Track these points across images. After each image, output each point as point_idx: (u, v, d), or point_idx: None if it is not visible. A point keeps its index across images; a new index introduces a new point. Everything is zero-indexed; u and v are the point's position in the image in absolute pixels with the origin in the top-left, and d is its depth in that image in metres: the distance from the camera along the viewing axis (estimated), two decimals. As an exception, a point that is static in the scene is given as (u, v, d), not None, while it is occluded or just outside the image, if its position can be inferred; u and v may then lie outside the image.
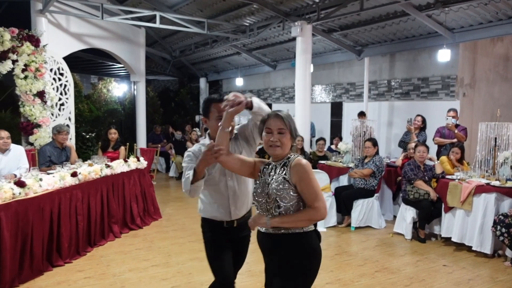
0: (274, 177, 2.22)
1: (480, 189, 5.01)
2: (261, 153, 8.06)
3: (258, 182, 2.31)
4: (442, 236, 5.44)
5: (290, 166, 2.20)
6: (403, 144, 7.17)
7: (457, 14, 7.02)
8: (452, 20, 7.24)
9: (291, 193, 2.17)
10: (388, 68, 9.50)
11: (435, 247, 5.33)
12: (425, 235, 5.53)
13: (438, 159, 6.27)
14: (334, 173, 6.83)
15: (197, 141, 10.26)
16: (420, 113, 7.21)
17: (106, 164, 5.53)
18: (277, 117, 2.22)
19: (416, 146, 5.89)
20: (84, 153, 9.65)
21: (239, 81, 13.33)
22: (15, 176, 4.74)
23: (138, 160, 6.26)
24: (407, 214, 5.62)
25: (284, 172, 2.20)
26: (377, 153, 6.22)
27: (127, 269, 4.45)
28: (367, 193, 6.08)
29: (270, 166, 2.31)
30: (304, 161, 2.20)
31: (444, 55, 7.31)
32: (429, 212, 5.49)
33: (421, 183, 5.57)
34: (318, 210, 2.15)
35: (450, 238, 5.33)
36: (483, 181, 5.16)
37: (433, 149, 6.86)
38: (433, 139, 6.90)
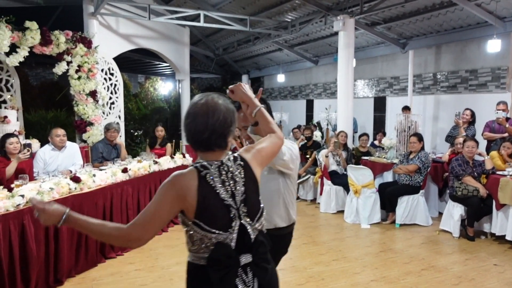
0: None
1: (533, 186, 4.80)
2: (303, 149, 8.09)
3: None
4: (496, 234, 5.23)
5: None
6: (450, 139, 6.95)
7: (509, 1, 6.70)
8: (503, 8, 6.93)
9: None
10: (433, 61, 9.21)
11: (485, 246, 5.16)
12: (474, 233, 5.36)
13: (488, 154, 6.04)
14: (377, 169, 6.74)
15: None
16: (468, 107, 6.97)
17: (154, 161, 5.75)
18: None
19: (464, 141, 5.71)
20: (133, 150, 10.04)
21: (281, 78, 13.35)
22: (71, 172, 5.04)
23: (184, 156, 6.46)
24: (454, 211, 5.47)
25: None
26: (422, 148, 6.08)
27: (175, 262, 4.62)
28: (413, 190, 5.97)
29: None
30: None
31: (494, 45, 7.01)
32: (478, 209, 5.31)
33: (470, 179, 5.41)
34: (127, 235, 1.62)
35: (501, 236, 5.14)
36: (537, 177, 4.94)
37: (482, 144, 6.60)
38: (482, 134, 6.65)
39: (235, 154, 1.74)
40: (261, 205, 1.74)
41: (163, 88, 13.62)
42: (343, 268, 4.44)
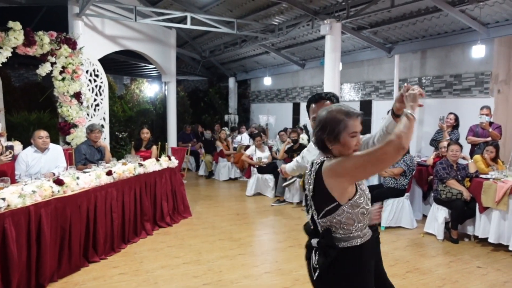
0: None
1: (516, 189, 4.88)
2: (289, 152, 8.11)
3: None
4: (479, 237, 5.31)
5: None
6: (434, 142, 7.04)
7: (492, 8, 6.82)
8: (487, 15, 7.04)
9: None
10: (419, 66, 9.32)
11: (469, 248, 5.22)
12: (458, 236, 5.43)
13: (471, 158, 6.13)
14: (363, 172, 6.76)
15: (226, 140, 10.39)
16: (452, 111, 7.06)
17: (139, 163, 5.70)
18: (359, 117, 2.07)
19: (448, 144, 5.78)
20: (118, 152, 9.93)
21: (268, 80, 13.37)
22: (54, 174, 4.96)
23: (170, 159, 6.41)
24: (439, 214, 5.53)
25: None
26: (407, 152, 6.14)
27: (160, 266, 4.58)
28: (398, 193, 6.01)
29: None
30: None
31: (478, 51, 7.12)
32: (462, 212, 5.38)
33: (454, 183, 5.47)
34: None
35: (484, 239, 5.22)
36: (519, 181, 5.02)
37: (466, 148, 6.70)
38: (466, 138, 6.75)
39: (318, 160, 2.03)
40: (327, 209, 1.97)
41: (149, 90, 13.52)
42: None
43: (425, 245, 5.37)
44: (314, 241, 2.02)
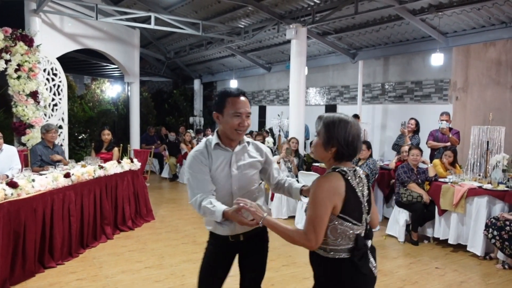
0: None
1: (472, 192, 5.05)
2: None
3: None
4: (439, 238, 5.45)
5: None
6: (396, 147, 7.21)
7: (451, 18, 7.08)
8: (446, 24, 7.30)
9: None
10: (382, 72, 9.55)
11: (428, 250, 5.36)
12: (418, 238, 5.55)
13: (431, 162, 6.31)
14: (328, 175, 6.83)
15: (190, 142, 10.25)
16: (413, 116, 7.26)
17: (99, 165, 5.50)
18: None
19: (409, 149, 5.91)
20: (77, 154, 9.60)
21: (234, 83, 13.33)
22: (7, 176, 4.71)
23: (132, 161, 6.24)
24: (400, 217, 5.64)
25: None
26: (370, 156, 6.24)
27: (120, 271, 4.42)
28: (361, 196, 6.09)
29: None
30: None
31: (437, 59, 7.36)
32: (422, 214, 5.51)
33: (414, 186, 5.60)
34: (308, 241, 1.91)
35: (443, 240, 5.37)
36: (475, 184, 5.20)
37: (426, 152, 6.90)
38: (426, 143, 6.94)
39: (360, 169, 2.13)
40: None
41: (111, 90, 13.16)
42: (293, 273, 4.44)
43: (387, 247, 5.47)
44: (370, 242, 2.06)
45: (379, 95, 9.60)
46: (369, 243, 2.04)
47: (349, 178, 1.94)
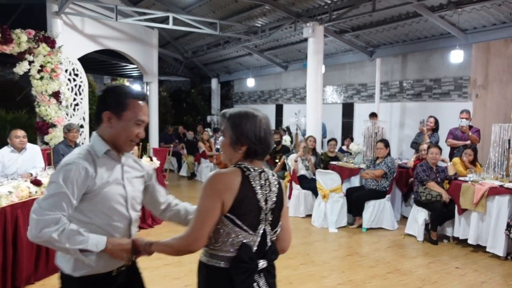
0: None
1: (493, 191, 4.97)
2: (272, 153, 8.10)
3: None
4: (459, 238, 5.39)
5: None
6: (415, 145, 7.14)
7: (470, 15, 6.97)
8: (465, 21, 7.19)
9: None
10: (400, 69, 9.46)
11: (448, 249, 5.30)
12: (437, 237, 5.50)
13: (450, 161, 6.24)
14: (345, 174, 6.82)
15: (208, 141, 10.34)
16: (432, 114, 7.18)
17: (120, 164, 5.60)
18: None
19: (428, 147, 5.86)
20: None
21: (251, 82, 13.37)
22: (31, 175, 4.84)
23: (151, 160, 6.33)
24: (419, 216, 5.60)
25: None
26: (388, 154, 6.21)
27: (141, 267, 4.49)
28: (379, 194, 6.07)
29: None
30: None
31: (456, 56, 7.27)
32: (441, 214, 5.46)
33: (433, 185, 5.55)
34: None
35: (463, 240, 5.31)
36: (496, 183, 5.12)
37: (446, 150, 6.82)
38: (445, 141, 6.86)
39: (275, 174, 1.88)
40: (280, 224, 1.84)
41: (130, 90, 13.35)
42: (311, 272, 4.45)
43: (406, 246, 5.43)
44: (264, 263, 1.74)
45: (397, 93, 9.51)
46: (262, 263, 1.73)
47: (249, 175, 1.71)
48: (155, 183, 2.16)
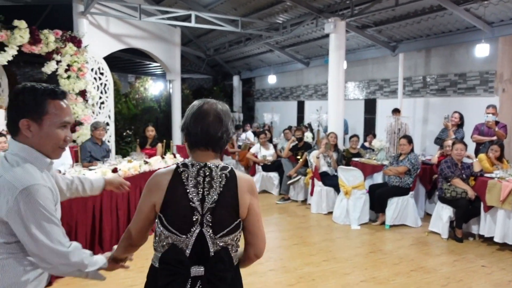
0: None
1: (520, 188, 4.87)
2: (294, 150, 8.11)
3: None
4: (484, 236, 5.30)
5: None
6: (439, 141, 7.03)
7: (497, 7, 6.81)
8: (491, 13, 7.03)
9: None
10: (423, 64, 9.31)
11: (473, 247, 5.22)
12: (463, 235, 5.42)
13: (476, 157, 6.12)
14: (368, 170, 6.78)
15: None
16: (457, 110, 7.05)
17: (144, 161, 5.72)
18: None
19: (453, 143, 5.77)
20: (123, 150, 9.97)
21: (272, 79, 13.38)
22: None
23: (175, 156, 6.43)
24: (443, 213, 5.52)
25: None
26: (412, 150, 6.14)
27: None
28: (402, 191, 6.02)
29: None
30: None
31: (482, 49, 7.12)
32: (466, 211, 5.37)
33: (458, 181, 5.46)
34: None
35: (489, 238, 5.22)
36: (524, 179, 5.01)
37: (471, 146, 6.69)
38: (471, 137, 6.74)
39: (228, 166, 1.68)
40: (233, 226, 1.64)
41: (153, 88, 13.56)
42: (333, 269, 4.46)
43: (430, 243, 5.37)
44: (199, 270, 1.59)
45: (421, 88, 9.37)
46: (196, 270, 1.58)
47: (182, 172, 1.61)
48: (55, 174, 1.89)
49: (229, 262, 1.63)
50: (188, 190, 1.59)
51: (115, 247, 1.87)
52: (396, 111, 8.67)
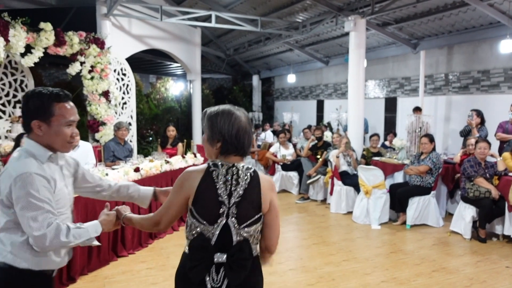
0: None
1: (546, 188, 4.76)
2: (313, 149, 8.10)
3: None
4: (510, 236, 5.20)
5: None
6: (464, 133, 6.90)
7: (523, 2, 6.65)
8: (517, 9, 6.87)
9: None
10: (445, 61, 9.15)
11: (497, 248, 5.12)
12: (486, 235, 5.33)
13: (500, 156, 5.99)
14: (388, 169, 6.72)
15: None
16: (480, 108, 6.91)
17: (165, 160, 5.81)
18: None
19: (476, 142, 5.67)
20: (144, 149, 10.13)
21: (291, 78, 13.36)
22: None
23: (195, 156, 6.51)
24: (466, 213, 5.44)
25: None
26: (433, 149, 6.06)
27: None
28: (424, 191, 5.94)
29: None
30: None
31: (507, 45, 6.95)
32: (490, 211, 5.28)
33: (482, 181, 5.37)
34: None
35: (514, 238, 5.12)
36: (550, 179, 4.89)
37: (495, 144, 6.55)
38: (495, 135, 6.60)
39: (251, 167, 1.90)
40: (255, 219, 1.85)
41: (174, 88, 13.71)
42: (354, 269, 4.45)
43: (452, 244, 5.30)
44: (222, 256, 1.79)
45: (442, 86, 9.22)
46: (219, 256, 1.79)
47: (213, 171, 1.82)
48: (83, 170, 2.22)
49: (249, 251, 1.83)
50: (217, 187, 1.80)
51: (126, 208, 2.20)
52: (417, 109, 8.57)
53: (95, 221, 1.98)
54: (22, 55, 6.35)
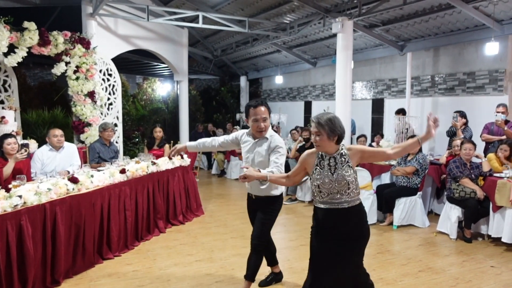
0: (339, 166, 2.87)
1: (530, 188, 4.82)
2: (301, 150, 8.09)
3: (319, 174, 2.89)
4: (492, 236, 5.26)
5: (348, 154, 2.90)
6: (450, 133, 6.97)
7: (507, 5, 6.73)
8: (501, 11, 6.95)
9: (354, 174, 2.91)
10: (431, 63, 9.24)
11: (482, 248, 5.18)
12: (471, 235, 5.38)
13: (485, 156, 6.06)
14: (375, 171, 6.75)
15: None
16: (466, 109, 6.98)
17: (152, 162, 5.75)
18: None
19: (462, 143, 5.72)
20: (130, 151, 10.03)
21: (279, 79, 13.36)
22: (69, 172, 5.04)
23: (182, 157, 6.45)
24: (452, 213, 5.49)
25: (346, 160, 2.88)
26: (420, 150, 6.09)
27: (173, 264, 4.62)
28: (410, 191, 5.98)
29: (325, 159, 2.90)
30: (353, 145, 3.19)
31: (492, 48, 7.03)
32: (475, 211, 5.33)
33: (467, 181, 5.42)
34: None
35: (497, 238, 5.16)
36: (534, 179, 4.95)
37: (480, 146, 6.63)
38: (480, 136, 6.68)
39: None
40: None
41: (161, 89, 13.61)
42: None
43: (438, 244, 5.34)
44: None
45: (429, 88, 9.30)
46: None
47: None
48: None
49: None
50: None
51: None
52: (400, 111, 8.60)
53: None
54: (5, 54, 6.24)
